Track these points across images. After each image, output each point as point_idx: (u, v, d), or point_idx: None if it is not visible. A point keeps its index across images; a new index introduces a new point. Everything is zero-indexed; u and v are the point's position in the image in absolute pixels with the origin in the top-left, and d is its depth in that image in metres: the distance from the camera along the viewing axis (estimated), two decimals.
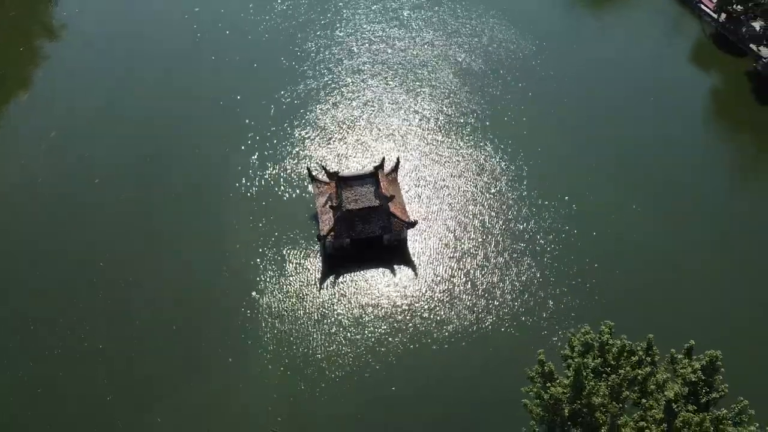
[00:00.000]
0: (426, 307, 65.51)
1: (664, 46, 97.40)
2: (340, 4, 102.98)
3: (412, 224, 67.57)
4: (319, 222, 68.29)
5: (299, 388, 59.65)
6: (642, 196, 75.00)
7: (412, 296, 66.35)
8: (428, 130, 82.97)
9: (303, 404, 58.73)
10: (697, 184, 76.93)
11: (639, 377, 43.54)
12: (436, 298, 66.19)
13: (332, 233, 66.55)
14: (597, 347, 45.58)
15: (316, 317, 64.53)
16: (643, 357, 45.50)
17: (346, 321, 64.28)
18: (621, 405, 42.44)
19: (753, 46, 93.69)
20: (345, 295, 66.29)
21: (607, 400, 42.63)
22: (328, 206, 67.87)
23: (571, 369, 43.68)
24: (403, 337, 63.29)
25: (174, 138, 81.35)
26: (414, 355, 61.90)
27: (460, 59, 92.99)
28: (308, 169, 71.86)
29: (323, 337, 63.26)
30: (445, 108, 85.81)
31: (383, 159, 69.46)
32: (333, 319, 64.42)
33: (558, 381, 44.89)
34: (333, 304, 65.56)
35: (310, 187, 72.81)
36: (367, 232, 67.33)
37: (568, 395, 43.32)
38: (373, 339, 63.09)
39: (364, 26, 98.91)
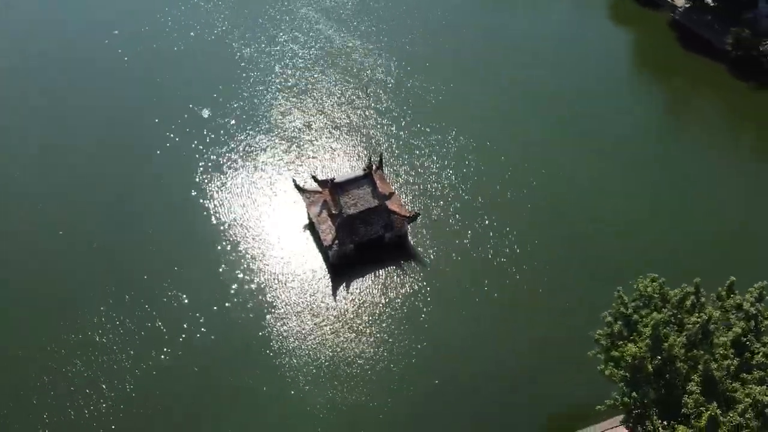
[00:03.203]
0: (439, 293, 65.42)
1: (582, 7, 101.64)
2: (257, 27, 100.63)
3: (414, 217, 67.13)
4: (319, 232, 66.53)
5: (332, 402, 58.30)
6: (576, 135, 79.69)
7: (425, 286, 66.06)
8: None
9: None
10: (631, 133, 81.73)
11: (702, 320, 45.02)
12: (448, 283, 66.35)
13: (336, 241, 65.01)
14: (658, 298, 46.90)
15: (335, 330, 63.09)
16: (696, 301, 47.29)
17: (367, 328, 63.14)
18: (703, 352, 43.88)
19: None
20: (359, 303, 64.98)
21: (686, 350, 43.97)
22: (325, 214, 66.25)
23: (647, 325, 44.77)
24: (427, 330, 62.91)
25: (137, 173, 77.05)
26: (446, 347, 61.86)
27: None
28: (293, 180, 69.82)
29: (346, 347, 62.06)
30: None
31: (370, 158, 68.39)
32: (352, 328, 63.18)
33: (631, 339, 45.86)
34: (348, 313, 64.20)
35: (301, 198, 70.75)
36: (370, 234, 66.35)
37: (647, 352, 44.27)
38: (397, 339, 62.35)
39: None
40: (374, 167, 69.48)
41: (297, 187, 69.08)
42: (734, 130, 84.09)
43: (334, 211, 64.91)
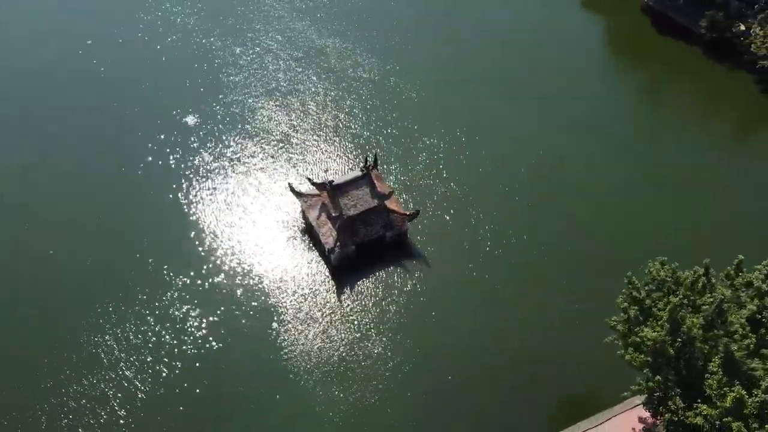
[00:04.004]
0: (442, 289, 65.74)
1: None
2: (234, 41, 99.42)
3: (414, 215, 67.18)
4: (319, 235, 66.16)
5: (343, 403, 58.35)
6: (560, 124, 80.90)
7: (428, 283, 66.26)
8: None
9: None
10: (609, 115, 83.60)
11: (719, 300, 46.05)
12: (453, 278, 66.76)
13: (338, 243, 64.74)
14: (671, 282, 47.79)
15: (341, 332, 63.08)
16: (706, 282, 48.34)
17: (373, 329, 63.23)
18: (722, 332, 44.84)
19: None
20: (362, 304, 64.96)
21: (704, 331, 44.92)
22: (325, 217, 65.94)
23: (662, 309, 45.64)
24: (433, 327, 63.26)
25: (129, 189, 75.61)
26: (456, 342, 62.26)
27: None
28: (289, 185, 69.26)
29: (354, 348, 62.14)
30: None
31: (367, 158, 68.14)
32: (358, 329, 63.27)
33: (648, 324, 46.67)
34: (352, 315, 64.17)
35: (297, 202, 70.30)
36: (371, 234, 66.24)
37: (667, 335, 45.11)
38: (404, 338, 62.60)
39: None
40: (371, 166, 69.39)
41: (293, 191, 68.53)
42: (713, 111, 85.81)
43: (334, 214, 64.61)
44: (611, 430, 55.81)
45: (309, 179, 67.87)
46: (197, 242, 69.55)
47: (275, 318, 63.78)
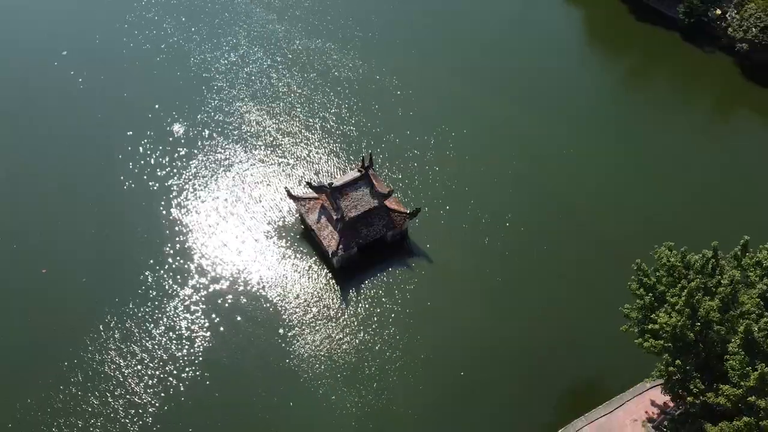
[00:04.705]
0: (446, 285, 65.86)
1: None
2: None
3: (415, 213, 67.06)
4: (320, 239, 65.71)
5: (355, 406, 58.36)
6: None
7: (432, 280, 66.28)
8: None
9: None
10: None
11: (734, 281, 46.76)
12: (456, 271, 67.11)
13: (341, 246, 64.39)
14: (682, 266, 48.37)
15: (348, 334, 62.98)
16: (715, 264, 49.03)
17: (381, 329, 63.17)
18: (738, 313, 45.51)
19: None
20: (369, 305, 64.82)
21: (722, 313, 45.55)
22: (325, 220, 65.51)
23: (676, 294, 46.17)
24: (440, 323, 63.38)
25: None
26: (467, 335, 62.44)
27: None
28: (286, 189, 68.64)
29: (363, 349, 62.10)
30: None
31: (363, 158, 67.78)
32: (366, 330, 63.23)
33: (664, 310, 47.13)
34: (359, 316, 64.08)
35: (293, 207, 69.78)
36: (373, 235, 66.04)
37: (686, 319, 45.57)
38: (413, 336, 62.70)
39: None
40: (368, 166, 69.11)
41: (290, 195, 67.96)
42: (695, 95, 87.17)
43: (335, 216, 64.19)
44: (625, 416, 56.50)
45: (308, 183, 67.21)
46: (194, 253, 68.64)
47: (281, 324, 63.32)
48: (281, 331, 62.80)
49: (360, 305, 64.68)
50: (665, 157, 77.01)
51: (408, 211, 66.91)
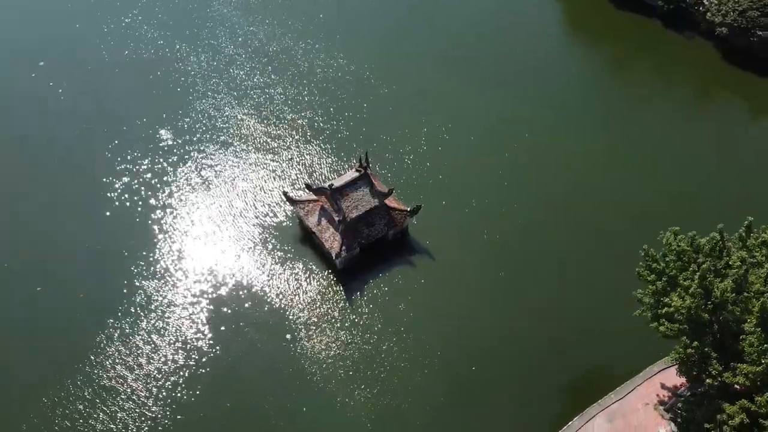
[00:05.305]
0: (449, 282, 65.80)
1: None
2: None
3: (416, 210, 66.90)
4: (322, 241, 65.28)
5: (365, 407, 58.13)
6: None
7: (435, 277, 66.21)
8: None
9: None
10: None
11: (746, 262, 47.41)
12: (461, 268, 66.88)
13: (344, 247, 64.03)
14: (691, 250, 48.89)
15: (355, 335, 62.65)
16: (722, 246, 49.64)
17: (386, 328, 62.86)
18: (751, 293, 46.12)
19: None
20: (373, 305, 64.33)
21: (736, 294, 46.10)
22: (326, 222, 65.12)
23: (688, 278, 46.69)
24: (446, 320, 63.29)
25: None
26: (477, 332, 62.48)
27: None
28: (284, 193, 68.08)
29: (370, 350, 61.81)
30: None
31: (360, 157, 67.40)
32: (371, 330, 62.89)
33: (677, 294, 47.56)
34: (364, 317, 63.64)
35: (289, 211, 69.21)
36: (375, 234, 65.79)
37: (700, 301, 46.06)
38: (419, 334, 62.42)
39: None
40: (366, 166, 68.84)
41: (288, 199, 67.39)
42: (677, 80, 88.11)
43: (336, 218, 63.79)
44: (637, 400, 57.02)
45: (307, 185, 66.62)
46: (192, 262, 67.62)
47: (287, 328, 62.76)
48: (288, 335, 62.26)
49: (364, 305, 64.34)
50: (652, 144, 77.37)
51: (408, 209, 66.73)
